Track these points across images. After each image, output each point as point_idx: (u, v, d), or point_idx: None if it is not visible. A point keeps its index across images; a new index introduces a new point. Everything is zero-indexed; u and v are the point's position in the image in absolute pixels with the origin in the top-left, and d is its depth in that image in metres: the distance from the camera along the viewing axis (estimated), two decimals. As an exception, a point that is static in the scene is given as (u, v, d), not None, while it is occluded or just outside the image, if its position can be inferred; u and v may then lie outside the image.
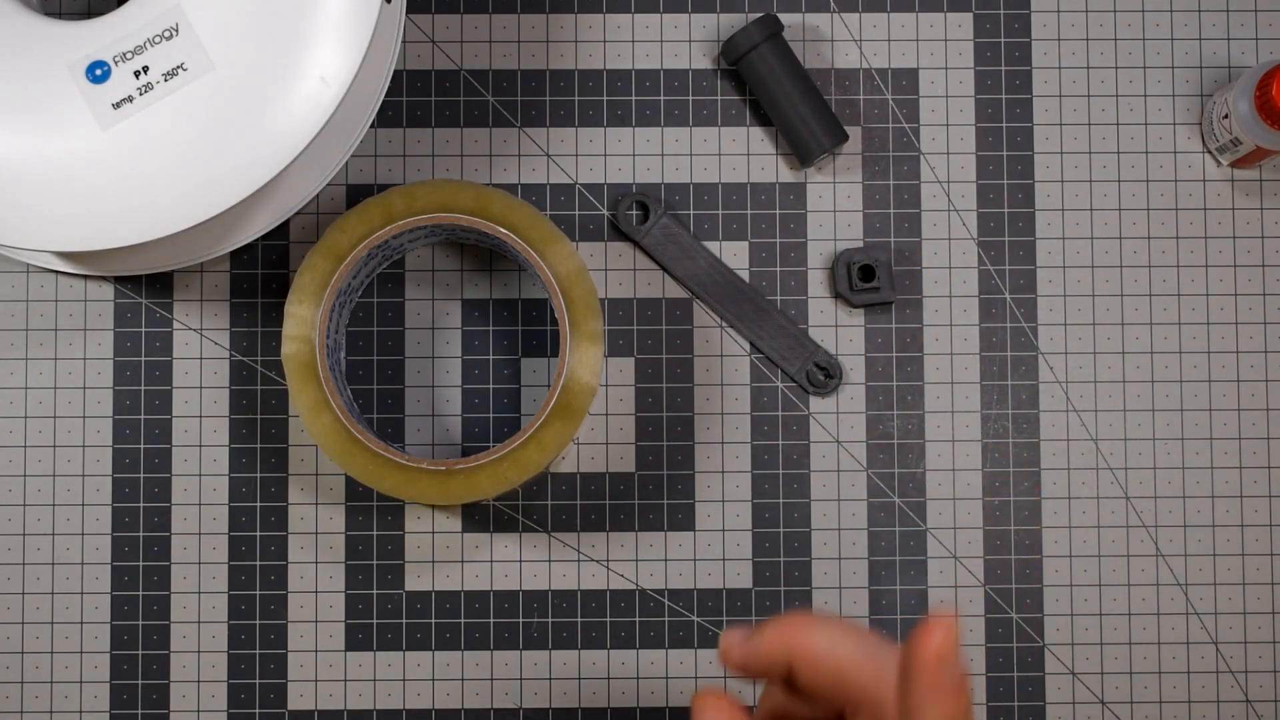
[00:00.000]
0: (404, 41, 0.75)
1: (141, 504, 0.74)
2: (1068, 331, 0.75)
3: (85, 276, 0.74)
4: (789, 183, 0.75)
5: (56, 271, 0.74)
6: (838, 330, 0.75)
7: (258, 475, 0.74)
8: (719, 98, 0.76)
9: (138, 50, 0.64)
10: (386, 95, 0.75)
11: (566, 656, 0.74)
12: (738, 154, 0.75)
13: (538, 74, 0.76)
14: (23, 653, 0.73)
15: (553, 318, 0.75)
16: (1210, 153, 0.76)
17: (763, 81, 0.74)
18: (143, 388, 0.74)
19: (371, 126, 0.75)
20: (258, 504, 0.74)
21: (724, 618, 0.74)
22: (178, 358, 0.74)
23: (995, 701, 0.74)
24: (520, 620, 0.74)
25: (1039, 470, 0.75)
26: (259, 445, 0.74)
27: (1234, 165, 0.75)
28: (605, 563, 0.74)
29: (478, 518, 0.74)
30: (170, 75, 0.64)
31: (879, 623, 0.74)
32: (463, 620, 0.74)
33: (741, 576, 0.74)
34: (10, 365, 0.74)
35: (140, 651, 0.74)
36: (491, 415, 0.75)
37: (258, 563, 0.74)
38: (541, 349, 0.75)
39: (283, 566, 0.74)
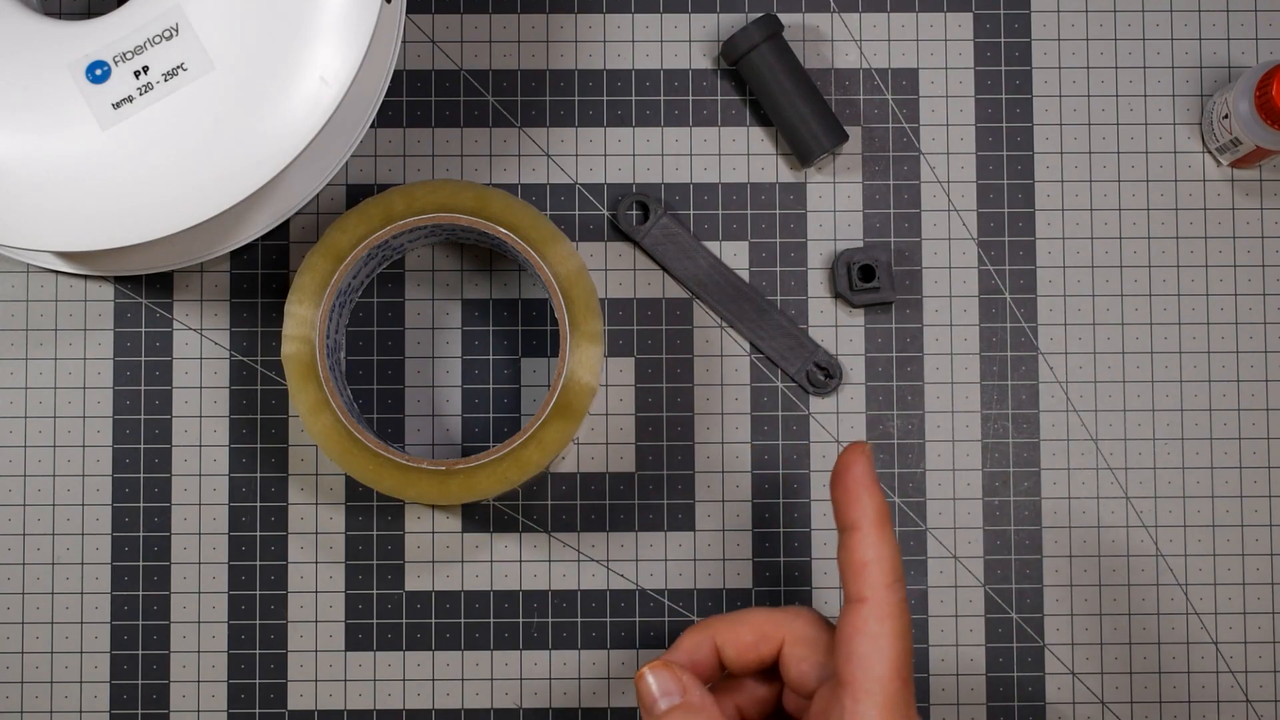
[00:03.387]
0: (404, 41, 0.75)
1: (141, 504, 0.74)
2: (1068, 331, 0.75)
3: (85, 276, 0.74)
4: (789, 183, 0.75)
5: (56, 271, 0.74)
6: (838, 330, 0.75)
7: (258, 475, 0.74)
8: (719, 98, 0.76)
9: (138, 50, 0.64)
10: (386, 95, 0.75)
11: (566, 656, 0.74)
12: (738, 154, 0.75)
13: (538, 74, 0.76)
14: (23, 653, 0.73)
15: (553, 318, 0.75)
16: (1210, 153, 0.76)
17: (763, 81, 0.74)
18: (143, 388, 0.74)
19: (371, 126, 0.75)
20: (258, 504, 0.74)
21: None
22: (178, 358, 0.74)
23: (995, 701, 0.74)
24: (520, 620, 0.74)
25: (1039, 470, 0.75)
26: (259, 445, 0.74)
27: (1234, 165, 0.75)
28: (605, 563, 0.74)
29: (478, 518, 0.74)
30: (170, 75, 0.64)
31: (879, 623, 0.74)
32: (463, 620, 0.74)
33: (741, 576, 0.74)
34: (10, 365, 0.74)
35: (140, 651, 0.74)
36: (491, 415, 0.75)
37: (258, 563, 0.74)
38: (541, 349, 0.75)
39: (283, 566, 0.74)
